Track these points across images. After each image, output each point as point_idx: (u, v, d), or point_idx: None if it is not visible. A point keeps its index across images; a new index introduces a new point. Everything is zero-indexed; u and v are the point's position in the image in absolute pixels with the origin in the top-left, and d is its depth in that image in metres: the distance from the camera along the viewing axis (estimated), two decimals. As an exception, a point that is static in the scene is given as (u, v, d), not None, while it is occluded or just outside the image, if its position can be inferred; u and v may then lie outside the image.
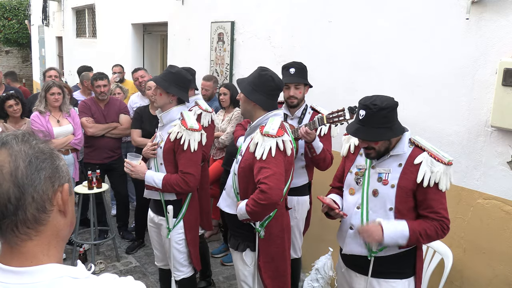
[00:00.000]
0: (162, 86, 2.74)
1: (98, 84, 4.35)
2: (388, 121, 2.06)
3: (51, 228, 0.90)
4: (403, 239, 2.07)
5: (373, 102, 2.04)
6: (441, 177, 2.05)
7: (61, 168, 0.92)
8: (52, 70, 5.23)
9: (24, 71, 15.39)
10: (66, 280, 0.86)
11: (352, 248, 2.25)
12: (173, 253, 2.88)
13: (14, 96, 4.16)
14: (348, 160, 2.38)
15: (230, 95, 4.22)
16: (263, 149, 2.26)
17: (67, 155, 4.20)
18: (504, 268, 2.58)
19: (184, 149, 2.69)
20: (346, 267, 2.36)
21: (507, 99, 2.43)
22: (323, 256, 3.49)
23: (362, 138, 2.10)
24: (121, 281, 0.93)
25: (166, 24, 6.10)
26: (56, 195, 0.89)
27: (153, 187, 2.79)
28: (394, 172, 2.13)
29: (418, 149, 2.14)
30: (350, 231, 2.25)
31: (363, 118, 2.07)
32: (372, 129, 2.05)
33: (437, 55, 2.85)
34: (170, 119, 2.81)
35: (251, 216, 2.30)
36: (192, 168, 2.72)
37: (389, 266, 2.20)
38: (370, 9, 3.27)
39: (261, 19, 4.33)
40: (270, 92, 2.40)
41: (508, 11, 2.47)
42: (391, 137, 2.09)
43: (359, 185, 2.23)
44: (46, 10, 11.40)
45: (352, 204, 2.26)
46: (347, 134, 2.41)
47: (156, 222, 2.97)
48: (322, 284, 3.44)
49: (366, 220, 2.18)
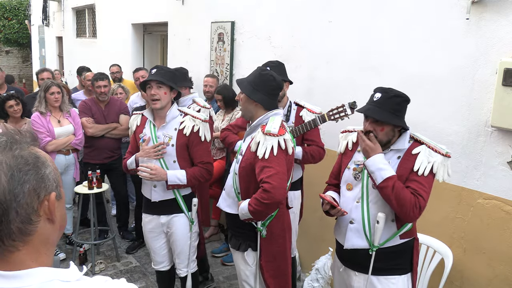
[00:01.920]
0: (169, 84, 2.78)
1: (99, 84, 4.35)
2: (399, 109, 2.15)
3: (39, 237, 0.86)
4: (388, 173, 2.07)
5: (389, 88, 2.18)
6: (438, 167, 2.10)
7: (47, 177, 0.87)
8: (46, 72, 5.21)
9: (24, 71, 15.40)
10: (56, 283, 0.84)
11: (354, 242, 2.24)
12: (191, 248, 2.98)
13: (14, 96, 4.17)
14: (346, 157, 2.39)
15: (223, 98, 4.22)
16: (265, 148, 2.27)
17: (68, 155, 4.20)
18: (504, 268, 2.58)
19: (202, 141, 2.82)
20: (345, 267, 2.36)
21: (507, 99, 2.43)
22: (323, 256, 3.49)
23: (374, 116, 2.13)
24: (113, 284, 0.90)
25: (166, 24, 6.10)
26: (42, 205, 0.86)
27: (176, 185, 2.81)
28: (392, 164, 2.17)
29: (417, 143, 2.21)
30: (350, 225, 2.25)
31: (377, 99, 2.15)
32: (384, 111, 2.12)
33: (437, 55, 2.85)
34: (172, 117, 2.85)
35: (254, 215, 2.29)
36: (209, 157, 2.92)
37: (389, 261, 2.21)
38: (370, 9, 3.27)
39: (261, 19, 4.33)
40: (271, 91, 2.41)
41: (508, 11, 2.47)
42: (398, 123, 2.14)
43: (358, 180, 2.26)
44: (46, 10, 11.39)
45: (351, 198, 2.27)
46: (344, 132, 2.46)
47: (163, 223, 2.94)
48: (322, 284, 3.44)
49: (367, 212, 2.20)
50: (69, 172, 4.27)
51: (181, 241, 2.94)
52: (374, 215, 2.18)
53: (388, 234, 2.18)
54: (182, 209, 2.90)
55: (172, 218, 2.92)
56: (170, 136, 2.82)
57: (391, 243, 2.19)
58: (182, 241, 2.94)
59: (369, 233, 2.20)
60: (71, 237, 4.40)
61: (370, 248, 2.20)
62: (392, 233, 2.19)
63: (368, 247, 2.20)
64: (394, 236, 2.19)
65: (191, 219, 2.93)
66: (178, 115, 2.87)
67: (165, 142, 2.82)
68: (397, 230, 2.19)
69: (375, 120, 2.16)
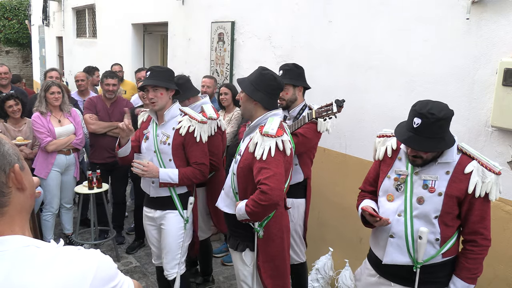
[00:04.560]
0: (164, 85, 2.84)
1: (108, 82, 4.38)
2: (442, 131, 1.97)
3: (14, 207, 0.96)
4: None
5: (430, 111, 1.92)
6: (491, 188, 1.98)
7: (7, 152, 0.95)
8: (54, 71, 5.24)
9: (25, 71, 15.40)
10: (32, 249, 0.92)
11: (394, 258, 2.12)
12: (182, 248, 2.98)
13: (14, 96, 4.17)
14: (385, 164, 2.23)
15: (232, 95, 4.23)
16: (262, 149, 2.26)
17: (68, 155, 4.20)
18: (504, 268, 2.58)
19: (197, 141, 2.85)
20: (379, 275, 2.22)
21: (507, 99, 2.43)
22: (323, 256, 3.49)
23: (415, 148, 1.98)
24: (85, 252, 0.97)
25: (166, 24, 6.10)
26: (10, 177, 0.94)
27: (168, 183, 2.85)
28: (441, 179, 2.03)
29: (466, 157, 2.04)
30: (391, 240, 2.12)
31: (417, 126, 1.95)
32: (426, 139, 1.94)
33: (437, 55, 2.85)
34: (171, 116, 2.90)
35: (251, 216, 2.29)
36: (205, 158, 2.93)
37: (430, 276, 2.11)
38: (370, 9, 3.26)
39: (261, 19, 4.33)
40: (271, 91, 2.41)
41: (508, 11, 2.47)
42: (444, 148, 1.99)
43: (400, 192, 2.12)
44: (46, 10, 11.40)
45: (392, 211, 2.13)
46: (381, 136, 2.30)
47: (156, 217, 2.99)
48: (322, 284, 3.44)
49: (411, 228, 2.07)
50: (70, 172, 4.27)
51: (170, 238, 2.95)
52: (418, 231, 2.07)
53: (431, 253, 2.08)
54: (176, 207, 2.93)
55: (165, 214, 2.95)
56: (168, 135, 2.89)
57: (433, 260, 2.10)
58: (171, 238, 2.95)
59: (412, 250, 2.08)
60: (71, 237, 4.40)
61: (413, 265, 2.09)
62: (435, 252, 2.08)
63: (411, 263, 2.09)
64: (437, 254, 2.08)
65: (186, 217, 2.95)
66: (178, 114, 2.92)
67: (163, 141, 2.88)
68: (440, 248, 2.08)
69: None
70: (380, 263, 2.18)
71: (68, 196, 4.37)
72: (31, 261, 0.90)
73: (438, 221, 2.05)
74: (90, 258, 0.96)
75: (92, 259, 0.96)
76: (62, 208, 4.38)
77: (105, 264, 0.98)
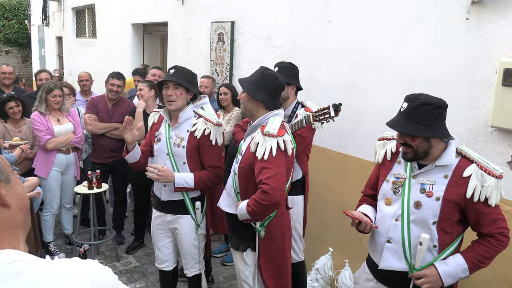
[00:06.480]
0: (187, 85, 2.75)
1: (112, 82, 4.39)
2: (430, 118, 1.92)
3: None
4: (464, 272, 1.98)
5: (417, 96, 1.95)
6: (491, 192, 1.91)
7: None
8: (43, 72, 5.21)
9: (24, 71, 15.40)
10: (22, 263, 0.86)
11: (390, 263, 2.07)
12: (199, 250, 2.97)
13: (15, 97, 4.17)
14: (384, 168, 2.20)
15: (232, 95, 4.23)
16: (264, 149, 2.26)
17: (68, 154, 4.20)
18: (504, 268, 2.57)
19: (213, 144, 2.77)
20: (377, 281, 2.19)
21: (507, 99, 2.43)
22: (323, 256, 3.50)
23: (398, 129, 1.96)
24: (82, 263, 0.91)
25: (166, 24, 6.10)
26: None
27: (183, 188, 2.78)
28: (439, 183, 1.97)
29: (465, 160, 1.98)
30: (387, 245, 2.08)
31: (404, 110, 1.96)
32: (411, 122, 1.92)
33: (437, 55, 2.85)
34: (186, 118, 2.82)
35: (252, 216, 2.29)
36: (220, 161, 2.86)
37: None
38: (370, 9, 3.27)
39: (261, 19, 4.33)
40: (273, 91, 2.41)
41: (508, 11, 2.47)
42: (427, 135, 1.92)
43: (397, 195, 2.08)
44: (46, 10, 11.40)
45: (389, 215, 2.09)
46: (382, 139, 2.26)
47: (168, 221, 2.94)
48: (322, 284, 3.44)
49: (407, 233, 2.02)
50: (70, 171, 4.27)
51: (186, 241, 2.93)
52: (416, 236, 2.00)
53: (428, 259, 2.02)
54: (189, 211, 2.88)
55: (177, 218, 2.91)
56: (182, 137, 2.80)
57: None
58: (187, 241, 2.93)
59: (409, 255, 2.02)
60: (71, 237, 4.40)
61: (410, 271, 2.04)
62: (432, 259, 2.02)
63: (407, 269, 2.04)
64: (435, 260, 2.02)
65: (197, 222, 2.90)
66: (192, 116, 2.83)
67: (176, 143, 2.81)
68: (438, 255, 2.02)
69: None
70: (377, 268, 2.14)
71: (68, 196, 4.37)
72: (19, 276, 0.83)
73: (437, 227, 1.98)
74: (85, 271, 0.89)
75: (87, 272, 0.89)
76: (62, 208, 4.38)
77: (102, 277, 0.91)
